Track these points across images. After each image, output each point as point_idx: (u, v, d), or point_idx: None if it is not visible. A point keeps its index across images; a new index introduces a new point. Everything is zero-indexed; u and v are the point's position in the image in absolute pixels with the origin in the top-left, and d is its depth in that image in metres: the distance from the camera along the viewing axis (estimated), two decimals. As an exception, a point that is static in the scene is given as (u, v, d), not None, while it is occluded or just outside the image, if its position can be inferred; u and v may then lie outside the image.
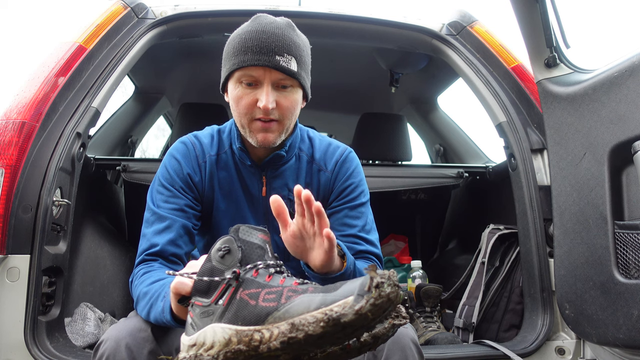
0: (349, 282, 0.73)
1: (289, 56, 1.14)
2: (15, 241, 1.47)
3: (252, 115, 1.17)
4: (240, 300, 0.79)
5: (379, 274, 0.69)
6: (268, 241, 0.87)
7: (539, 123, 1.85)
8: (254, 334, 0.74)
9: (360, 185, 1.31)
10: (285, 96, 1.17)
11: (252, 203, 1.29)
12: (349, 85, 3.23)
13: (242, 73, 1.15)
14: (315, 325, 0.69)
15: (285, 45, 1.14)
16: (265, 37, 1.13)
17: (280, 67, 1.13)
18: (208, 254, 0.86)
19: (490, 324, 1.92)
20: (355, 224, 1.26)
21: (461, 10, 2.14)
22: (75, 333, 1.70)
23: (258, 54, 1.12)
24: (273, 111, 1.16)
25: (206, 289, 0.82)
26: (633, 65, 1.44)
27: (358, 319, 0.68)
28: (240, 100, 1.17)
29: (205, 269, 0.84)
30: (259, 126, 1.17)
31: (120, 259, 2.20)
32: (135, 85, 3.05)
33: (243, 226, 0.87)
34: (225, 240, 0.85)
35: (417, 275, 2.28)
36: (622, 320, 1.41)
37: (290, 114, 1.19)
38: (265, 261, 0.84)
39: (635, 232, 1.42)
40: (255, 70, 1.14)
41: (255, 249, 0.85)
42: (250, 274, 0.82)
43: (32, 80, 1.64)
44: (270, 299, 0.76)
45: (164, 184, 1.23)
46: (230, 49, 1.19)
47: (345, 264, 1.06)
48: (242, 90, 1.17)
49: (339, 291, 0.72)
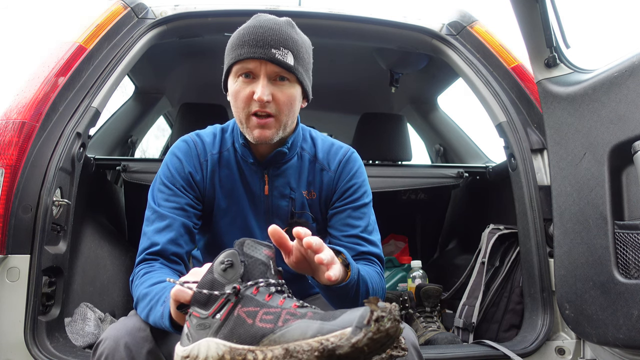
0: (349, 311, 0.71)
1: (285, 50, 1.14)
2: (15, 241, 1.47)
3: (249, 110, 1.17)
4: (238, 317, 0.78)
5: (380, 307, 0.67)
6: (273, 258, 0.86)
7: (539, 123, 1.85)
8: (248, 354, 0.73)
9: (363, 185, 1.30)
10: (282, 90, 1.17)
11: (254, 201, 1.29)
12: (349, 85, 3.23)
13: (239, 67, 1.16)
14: (310, 353, 0.68)
15: (281, 39, 1.14)
16: (262, 31, 1.14)
17: (276, 59, 1.13)
18: (211, 265, 0.85)
19: (490, 324, 1.92)
20: (358, 224, 1.25)
21: (461, 10, 2.14)
22: (75, 333, 1.70)
23: (254, 47, 1.13)
24: (269, 105, 1.16)
25: (205, 300, 0.82)
26: (633, 65, 1.44)
27: (354, 352, 0.66)
28: (238, 94, 1.18)
29: (206, 281, 0.83)
30: (255, 122, 1.17)
31: (120, 259, 2.20)
32: (135, 85, 3.05)
33: (249, 240, 0.86)
34: (229, 253, 0.84)
35: (417, 275, 2.28)
36: (622, 320, 1.41)
37: (286, 109, 1.19)
38: (267, 279, 0.83)
39: (635, 232, 1.42)
40: (252, 62, 1.14)
41: (258, 265, 0.84)
42: (250, 291, 0.81)
43: (32, 80, 1.64)
44: (267, 320, 0.76)
45: (165, 182, 1.23)
46: (229, 46, 1.20)
47: (350, 275, 1.04)
48: (240, 84, 1.17)
49: (337, 320, 0.70)
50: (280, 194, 1.28)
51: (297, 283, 1.34)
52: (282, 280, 0.85)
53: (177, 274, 1.17)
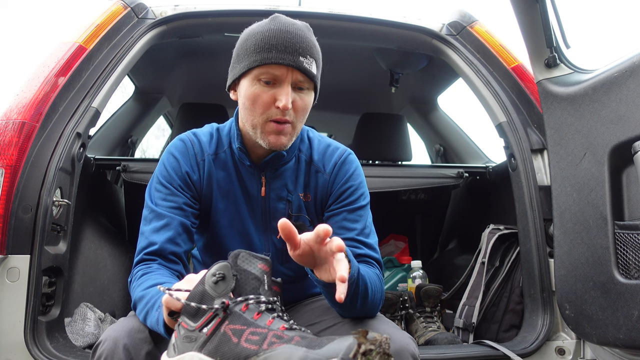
0: (337, 340, 0.69)
1: (311, 59, 1.14)
2: (15, 241, 1.47)
3: (268, 116, 1.15)
4: (224, 335, 0.77)
5: (369, 339, 0.64)
6: (267, 272, 0.84)
7: (539, 123, 1.85)
8: None
9: (359, 187, 1.28)
10: (302, 97, 1.16)
11: (251, 203, 1.28)
12: (349, 85, 3.23)
13: (262, 70, 1.13)
14: None
15: (308, 47, 1.14)
16: (290, 37, 1.12)
17: (303, 68, 1.12)
18: (203, 275, 0.83)
19: (490, 324, 1.92)
20: (354, 227, 1.23)
21: (461, 10, 2.14)
22: (75, 333, 1.70)
23: (283, 53, 1.11)
24: (289, 112, 1.15)
25: (194, 312, 0.81)
26: (633, 66, 1.43)
27: None
28: (258, 98, 1.14)
29: (197, 292, 0.82)
30: (273, 128, 1.15)
31: (120, 259, 2.20)
32: (135, 85, 3.05)
33: (244, 252, 0.85)
34: (221, 266, 0.82)
35: (417, 275, 2.28)
36: (622, 320, 1.41)
37: (302, 117, 1.19)
38: (258, 296, 0.81)
39: (635, 232, 1.42)
40: (279, 69, 1.12)
41: (251, 279, 0.82)
42: (239, 308, 0.79)
43: (32, 80, 1.64)
44: (252, 341, 0.75)
45: (162, 181, 1.22)
46: (250, 46, 1.15)
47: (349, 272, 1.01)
48: (260, 89, 1.14)
49: (323, 350, 0.68)
50: (277, 196, 1.27)
51: (298, 283, 1.34)
52: (275, 298, 0.83)
53: (175, 274, 1.16)
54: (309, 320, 1.21)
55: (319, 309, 1.23)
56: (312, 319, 1.21)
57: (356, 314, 1.12)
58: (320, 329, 1.16)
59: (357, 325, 1.10)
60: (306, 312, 1.26)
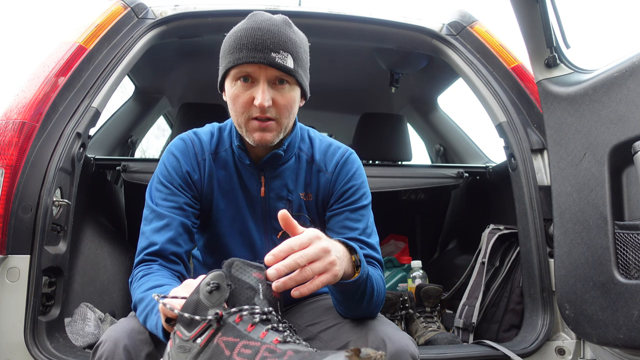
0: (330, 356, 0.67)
1: (285, 53, 1.12)
2: (15, 241, 1.47)
3: (249, 114, 1.15)
4: (217, 347, 0.77)
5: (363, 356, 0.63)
6: (263, 280, 0.83)
7: (539, 123, 1.85)
8: None
9: (361, 187, 1.27)
10: (282, 94, 1.15)
11: (251, 203, 1.28)
12: (349, 85, 3.23)
13: (237, 71, 1.14)
14: None
15: (281, 42, 1.12)
16: (261, 33, 1.11)
17: (276, 64, 1.11)
18: (198, 284, 0.83)
19: (490, 324, 1.92)
20: (356, 227, 1.23)
21: (461, 10, 2.14)
22: (75, 333, 1.70)
23: (253, 51, 1.10)
24: (270, 109, 1.14)
25: (189, 321, 0.81)
26: (633, 66, 1.43)
27: None
28: (237, 98, 1.15)
29: (191, 302, 0.81)
30: (255, 125, 1.16)
31: (120, 259, 2.20)
32: (135, 85, 3.05)
33: (238, 261, 0.83)
34: (216, 275, 0.81)
35: (417, 275, 2.28)
36: (622, 320, 1.41)
37: (287, 112, 1.18)
38: (252, 307, 0.80)
39: (635, 232, 1.42)
40: (251, 67, 1.12)
41: (245, 289, 0.81)
42: (232, 319, 0.79)
43: (32, 80, 1.64)
44: (244, 355, 0.74)
45: (163, 181, 1.22)
46: (226, 47, 1.17)
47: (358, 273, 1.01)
48: (239, 89, 1.15)
49: None
50: (277, 196, 1.27)
51: None
52: (270, 308, 0.82)
53: (176, 275, 1.16)
54: (310, 320, 1.21)
55: (320, 309, 1.23)
56: (312, 319, 1.21)
57: (359, 314, 1.12)
58: (320, 329, 1.16)
59: (357, 326, 1.10)
60: (307, 312, 1.26)
